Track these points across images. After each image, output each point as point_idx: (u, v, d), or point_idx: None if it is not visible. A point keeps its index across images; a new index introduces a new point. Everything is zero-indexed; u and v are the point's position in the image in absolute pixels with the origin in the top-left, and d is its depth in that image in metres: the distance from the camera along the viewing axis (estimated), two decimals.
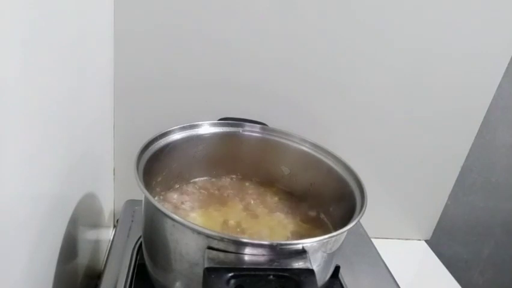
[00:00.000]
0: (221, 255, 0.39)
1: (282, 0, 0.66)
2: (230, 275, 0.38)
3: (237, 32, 0.68)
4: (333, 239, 0.45)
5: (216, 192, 0.60)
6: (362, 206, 0.48)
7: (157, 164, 0.53)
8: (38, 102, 0.39)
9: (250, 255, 0.40)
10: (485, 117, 0.80)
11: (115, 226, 0.75)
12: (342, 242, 0.49)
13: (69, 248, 0.52)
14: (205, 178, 0.61)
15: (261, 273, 0.39)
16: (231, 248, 0.40)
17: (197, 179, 0.61)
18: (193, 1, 0.65)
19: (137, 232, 0.64)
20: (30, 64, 0.36)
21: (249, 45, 0.69)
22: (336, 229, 0.54)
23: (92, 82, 0.59)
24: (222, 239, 0.40)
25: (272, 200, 0.60)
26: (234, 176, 0.63)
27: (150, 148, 0.52)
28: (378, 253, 0.68)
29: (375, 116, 0.77)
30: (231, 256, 0.40)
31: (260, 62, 0.70)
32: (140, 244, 0.58)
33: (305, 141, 0.60)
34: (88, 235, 0.63)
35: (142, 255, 0.53)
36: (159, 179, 0.56)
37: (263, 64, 0.70)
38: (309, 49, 0.70)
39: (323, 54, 0.71)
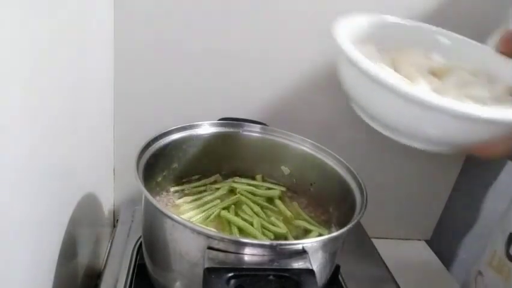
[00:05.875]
0: (221, 255, 0.39)
1: (281, 1, 0.66)
2: (230, 275, 0.38)
3: (237, 32, 0.68)
4: (333, 239, 0.45)
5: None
6: (362, 206, 0.48)
7: (157, 164, 0.53)
8: (38, 102, 0.39)
9: (250, 255, 0.40)
10: None
11: (115, 226, 0.75)
12: (342, 242, 0.49)
13: (69, 248, 0.52)
14: (205, 178, 0.61)
15: (261, 273, 0.39)
16: (231, 248, 0.40)
17: (197, 179, 0.61)
18: (192, 4, 0.65)
19: (137, 232, 0.64)
20: (32, 65, 0.36)
21: (249, 46, 0.69)
22: (336, 229, 0.55)
23: (93, 82, 0.59)
24: (222, 239, 0.40)
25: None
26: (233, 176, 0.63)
27: (150, 148, 0.52)
28: (378, 253, 0.68)
29: None
30: (231, 256, 0.40)
31: (260, 62, 0.70)
32: (140, 244, 0.58)
33: (305, 141, 0.60)
34: (88, 235, 0.63)
35: (142, 255, 0.53)
36: (159, 179, 0.56)
37: (263, 64, 0.70)
38: (310, 49, 0.70)
39: (324, 55, 0.71)
